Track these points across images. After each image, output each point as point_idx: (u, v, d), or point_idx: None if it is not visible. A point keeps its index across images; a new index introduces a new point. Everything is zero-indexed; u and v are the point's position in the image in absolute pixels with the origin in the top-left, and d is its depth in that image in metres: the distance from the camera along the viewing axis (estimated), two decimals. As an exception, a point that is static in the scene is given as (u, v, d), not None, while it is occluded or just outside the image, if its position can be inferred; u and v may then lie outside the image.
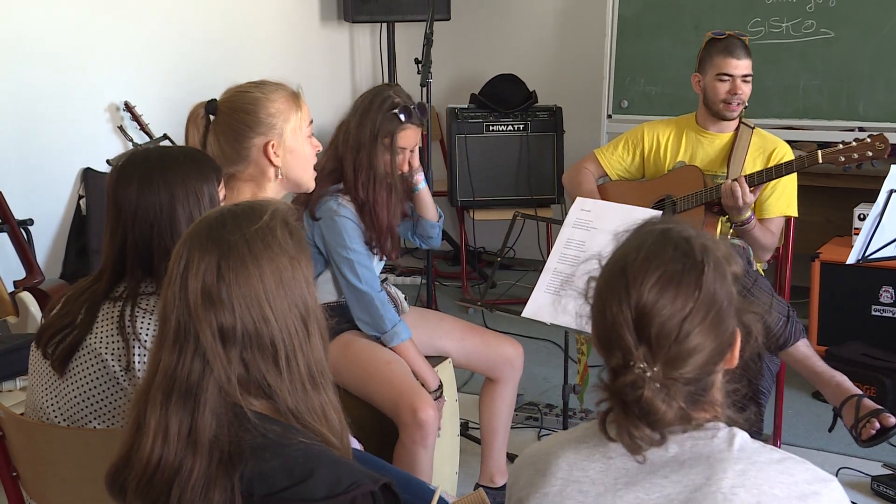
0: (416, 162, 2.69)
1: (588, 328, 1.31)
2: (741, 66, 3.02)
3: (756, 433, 2.76)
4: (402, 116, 2.59)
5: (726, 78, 3.04)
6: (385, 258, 2.71)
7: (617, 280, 1.22)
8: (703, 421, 1.23)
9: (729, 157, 3.09)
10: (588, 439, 1.28)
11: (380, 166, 2.59)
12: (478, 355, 2.85)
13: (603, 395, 1.22)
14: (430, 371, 2.60)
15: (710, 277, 1.21)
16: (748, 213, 2.91)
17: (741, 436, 1.23)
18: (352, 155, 2.60)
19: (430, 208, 2.81)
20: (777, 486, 1.18)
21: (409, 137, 2.64)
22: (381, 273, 2.75)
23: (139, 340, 1.64)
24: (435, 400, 2.55)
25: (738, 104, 3.06)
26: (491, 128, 4.79)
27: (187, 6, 4.36)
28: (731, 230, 2.93)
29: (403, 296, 2.78)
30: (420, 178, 2.76)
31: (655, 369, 1.18)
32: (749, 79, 3.06)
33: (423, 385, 2.55)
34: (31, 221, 3.62)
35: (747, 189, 2.84)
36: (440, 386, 2.62)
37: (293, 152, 2.12)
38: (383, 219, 2.60)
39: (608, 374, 1.22)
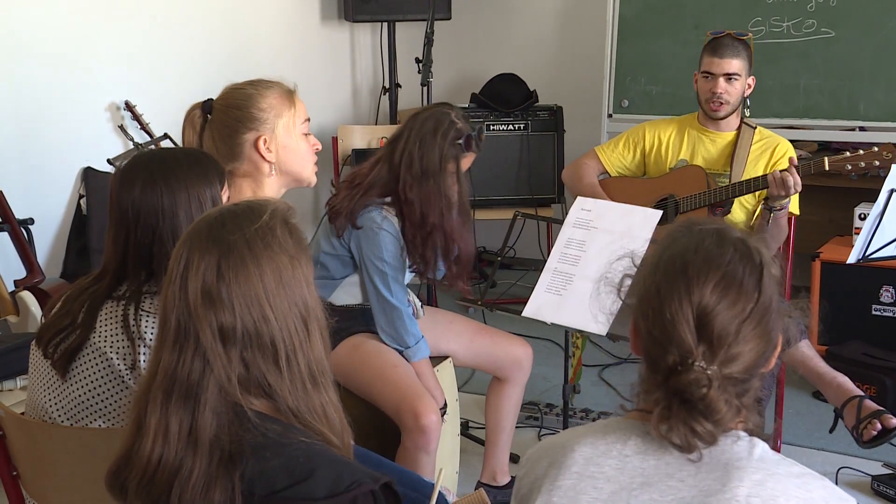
0: None
1: (597, 329, 1.31)
2: (723, 64, 3.00)
3: (759, 430, 2.76)
4: (463, 146, 2.59)
5: (708, 76, 3.03)
6: (464, 283, 2.71)
7: (678, 279, 1.21)
8: (730, 427, 1.23)
9: (732, 157, 3.08)
10: (607, 436, 1.27)
11: (452, 194, 2.58)
12: (487, 356, 2.85)
13: (656, 394, 1.21)
14: (437, 390, 2.60)
15: (768, 281, 1.23)
16: (788, 199, 2.87)
17: (762, 445, 1.23)
18: (417, 183, 2.55)
19: None
20: (793, 499, 1.17)
21: (467, 164, 2.64)
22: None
23: (143, 340, 1.64)
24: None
25: (721, 104, 3.04)
26: (491, 127, 4.78)
27: (188, 5, 4.36)
28: (770, 216, 2.87)
29: (420, 303, 2.78)
30: None
31: (714, 368, 1.18)
32: (735, 79, 3.02)
33: None
34: (31, 221, 3.62)
35: (798, 178, 2.78)
36: (444, 405, 2.62)
37: (286, 148, 2.12)
38: (465, 246, 2.60)
39: (659, 373, 1.21)
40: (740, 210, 3.10)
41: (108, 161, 3.93)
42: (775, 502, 1.16)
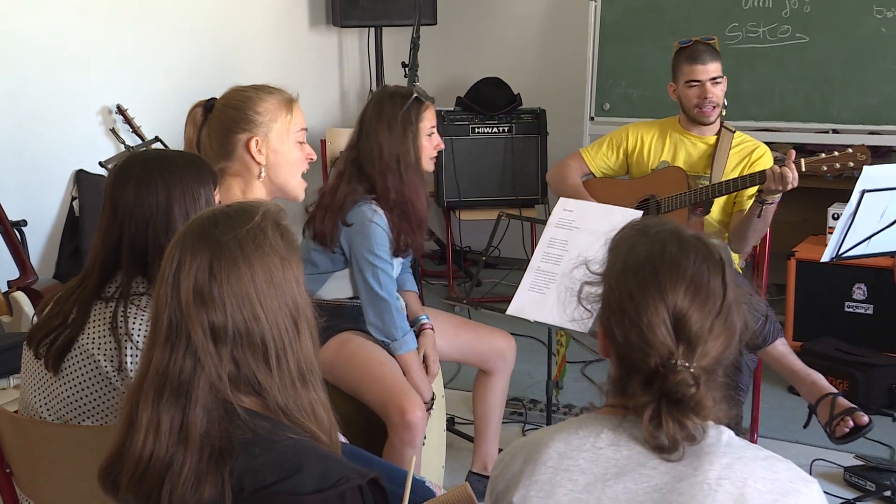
0: (442, 143, 2.70)
1: (580, 327, 1.31)
2: (708, 70, 3.02)
3: (735, 427, 2.77)
4: (420, 98, 2.61)
5: (695, 84, 3.04)
6: (412, 254, 2.72)
7: (650, 286, 1.23)
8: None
9: (712, 159, 3.10)
10: (579, 430, 1.28)
11: (410, 156, 2.59)
12: (471, 349, 2.86)
13: (643, 398, 1.22)
14: (426, 383, 2.60)
15: (730, 276, 1.26)
16: (780, 194, 2.85)
17: (728, 432, 1.25)
18: (378, 162, 2.56)
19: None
20: (760, 480, 1.20)
21: (432, 115, 2.66)
22: None
23: (131, 340, 1.63)
24: (427, 410, 2.55)
25: (713, 107, 3.06)
26: (476, 130, 4.79)
27: (179, 12, 4.35)
28: (762, 208, 2.85)
29: (403, 302, 2.77)
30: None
31: (695, 365, 1.21)
32: (719, 80, 3.05)
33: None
34: (24, 222, 3.60)
35: (796, 173, 2.75)
36: (433, 398, 2.62)
37: (277, 153, 2.12)
38: (421, 210, 2.61)
39: (639, 375, 1.23)
40: (718, 211, 3.11)
41: (100, 163, 3.92)
42: (744, 483, 1.19)
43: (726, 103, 3.13)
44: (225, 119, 2.11)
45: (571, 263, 1.41)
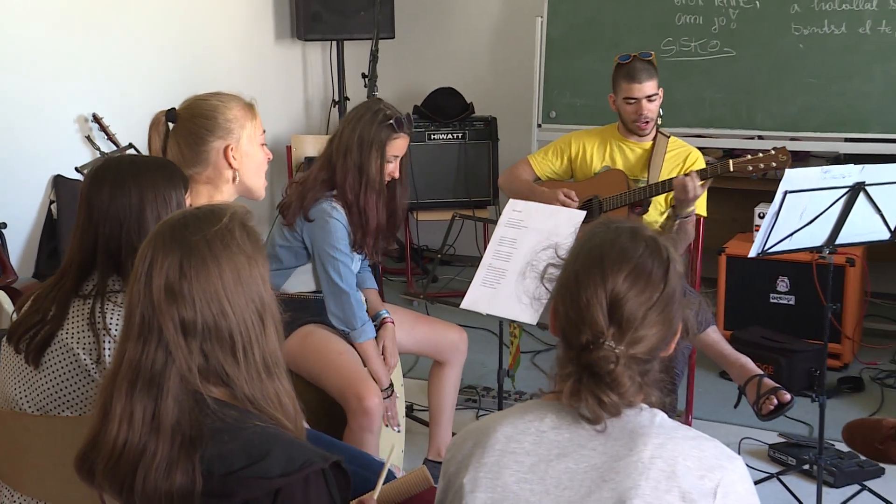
0: (397, 173, 2.66)
1: (537, 312, 1.32)
2: (644, 88, 3.04)
3: (671, 410, 2.81)
4: (395, 126, 2.59)
5: (632, 101, 3.07)
6: (367, 257, 2.72)
7: (594, 268, 1.25)
8: (633, 402, 1.26)
9: (648, 163, 3.14)
10: (525, 415, 1.29)
11: (372, 171, 2.58)
12: (427, 342, 2.86)
13: (568, 369, 1.24)
14: (384, 371, 2.60)
15: (673, 275, 1.27)
16: (692, 207, 2.92)
17: (661, 415, 1.27)
18: (342, 160, 2.58)
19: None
20: (689, 458, 1.21)
21: (400, 146, 2.64)
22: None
23: (109, 334, 1.61)
24: (385, 399, 2.55)
25: (647, 122, 3.09)
26: (432, 136, 4.80)
27: (152, 26, 4.30)
28: (676, 223, 2.92)
29: (362, 296, 2.77)
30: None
31: (622, 347, 1.22)
32: (655, 97, 3.07)
33: (375, 382, 2.55)
34: (4, 225, 3.55)
35: (698, 183, 2.84)
36: (391, 385, 2.62)
37: (248, 156, 2.11)
38: (372, 220, 2.60)
39: (573, 350, 1.24)
40: (655, 212, 3.15)
41: (77, 169, 3.86)
42: (675, 461, 1.21)
43: (662, 112, 3.17)
44: (196, 128, 2.07)
45: (538, 249, 1.41)
